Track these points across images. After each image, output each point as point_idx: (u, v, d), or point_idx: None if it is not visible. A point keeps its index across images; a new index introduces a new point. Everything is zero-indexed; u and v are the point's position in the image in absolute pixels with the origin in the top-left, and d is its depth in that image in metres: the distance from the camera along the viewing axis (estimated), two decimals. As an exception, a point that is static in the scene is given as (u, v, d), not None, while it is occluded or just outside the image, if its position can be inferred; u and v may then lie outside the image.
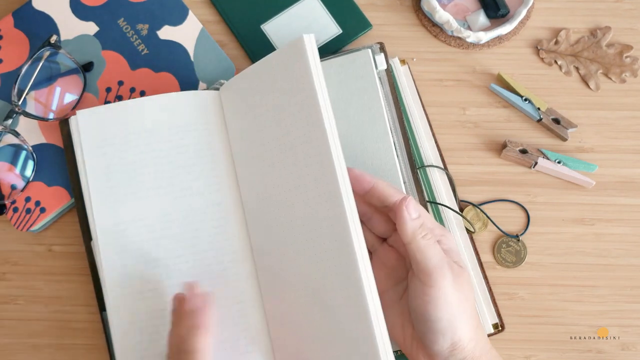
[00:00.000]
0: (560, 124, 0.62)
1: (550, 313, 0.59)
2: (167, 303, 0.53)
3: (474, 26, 0.65)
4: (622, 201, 0.61)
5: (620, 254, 0.60)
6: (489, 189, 0.61)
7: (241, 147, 0.56)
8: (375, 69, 0.57)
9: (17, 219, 0.59)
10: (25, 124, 0.61)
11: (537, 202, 0.61)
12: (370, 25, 0.65)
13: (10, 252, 0.61)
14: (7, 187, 0.59)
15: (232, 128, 0.57)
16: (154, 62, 0.63)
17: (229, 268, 0.55)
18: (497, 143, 0.62)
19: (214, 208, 0.55)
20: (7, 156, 0.60)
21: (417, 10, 0.66)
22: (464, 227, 0.59)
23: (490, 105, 0.63)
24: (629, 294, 0.59)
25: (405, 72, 0.62)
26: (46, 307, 0.60)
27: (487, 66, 0.64)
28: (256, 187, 0.55)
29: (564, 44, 0.64)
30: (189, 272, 0.54)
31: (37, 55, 0.60)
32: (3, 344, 0.60)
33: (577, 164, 0.60)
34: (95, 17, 0.64)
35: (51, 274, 0.61)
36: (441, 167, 0.60)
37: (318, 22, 0.64)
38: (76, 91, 0.62)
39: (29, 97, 0.61)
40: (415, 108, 0.61)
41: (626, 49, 0.64)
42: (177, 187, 0.55)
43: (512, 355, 0.58)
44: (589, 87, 0.63)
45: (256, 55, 0.64)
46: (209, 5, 0.67)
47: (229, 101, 0.57)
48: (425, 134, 0.61)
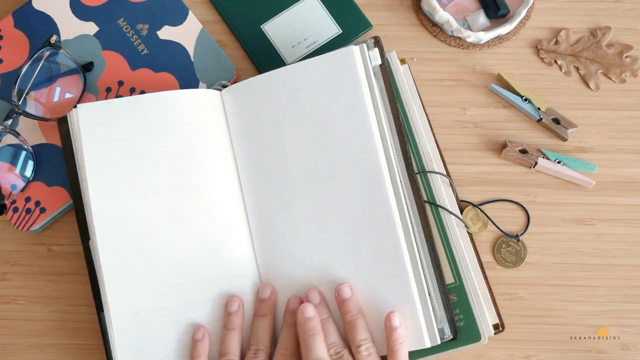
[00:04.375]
0: (560, 124, 0.62)
1: (550, 313, 0.59)
2: (168, 302, 0.53)
3: (474, 26, 0.65)
4: (622, 201, 0.61)
5: (620, 254, 0.60)
6: (489, 189, 0.61)
7: (247, 146, 0.56)
8: (369, 64, 0.56)
9: (17, 219, 0.59)
10: (25, 124, 0.61)
11: (537, 202, 0.61)
12: (370, 25, 0.65)
13: (10, 252, 0.61)
14: (7, 187, 0.59)
15: (240, 127, 0.57)
16: (154, 62, 0.63)
17: (232, 268, 0.55)
18: (497, 143, 0.62)
19: (217, 207, 0.55)
20: (7, 156, 0.60)
21: (417, 10, 0.66)
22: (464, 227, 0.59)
23: (490, 105, 0.63)
24: (629, 294, 0.59)
25: (405, 72, 0.62)
26: (46, 307, 0.60)
27: (487, 66, 0.64)
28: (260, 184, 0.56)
29: (564, 44, 0.64)
30: (191, 270, 0.54)
31: (37, 55, 0.60)
32: (3, 344, 0.60)
33: (577, 164, 0.60)
34: (95, 17, 0.64)
35: (51, 274, 0.61)
36: (442, 173, 0.60)
37: (318, 22, 0.65)
38: (76, 91, 0.62)
39: (29, 97, 0.61)
40: (415, 108, 0.61)
41: (626, 49, 0.64)
42: (180, 185, 0.55)
43: (512, 355, 0.58)
44: (589, 87, 0.63)
45: (256, 55, 0.64)
46: (209, 5, 0.67)
47: (238, 101, 0.57)
48: (425, 134, 0.60)
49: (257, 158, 0.56)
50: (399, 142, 0.56)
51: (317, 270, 0.53)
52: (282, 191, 0.55)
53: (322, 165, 0.54)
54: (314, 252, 0.53)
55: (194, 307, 0.54)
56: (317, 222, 0.54)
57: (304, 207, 0.54)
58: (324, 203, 0.54)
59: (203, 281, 0.54)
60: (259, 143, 0.56)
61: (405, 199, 0.54)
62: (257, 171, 0.56)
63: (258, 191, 0.56)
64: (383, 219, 0.52)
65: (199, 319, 0.53)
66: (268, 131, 0.56)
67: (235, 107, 0.57)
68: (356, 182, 0.53)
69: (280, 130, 0.55)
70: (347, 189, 0.53)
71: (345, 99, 0.55)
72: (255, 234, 0.55)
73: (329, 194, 0.54)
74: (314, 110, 0.55)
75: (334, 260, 0.53)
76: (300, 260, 0.54)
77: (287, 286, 0.54)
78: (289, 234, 0.54)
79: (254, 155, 0.56)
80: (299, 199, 0.54)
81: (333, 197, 0.54)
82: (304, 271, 0.53)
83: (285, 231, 0.54)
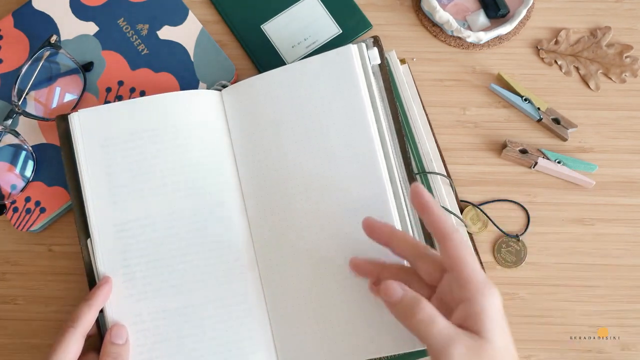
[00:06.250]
0: (560, 124, 0.62)
1: (550, 313, 0.59)
2: (170, 303, 0.53)
3: (474, 26, 0.65)
4: (622, 201, 0.61)
5: (620, 254, 0.60)
6: (489, 189, 0.61)
7: (247, 145, 0.56)
8: (368, 63, 0.56)
9: (17, 219, 0.59)
10: (25, 124, 0.61)
11: (537, 202, 0.61)
12: (370, 25, 0.65)
13: (10, 252, 0.61)
14: (7, 187, 0.59)
15: (240, 127, 0.57)
16: (154, 62, 0.63)
17: (234, 267, 0.55)
18: (497, 143, 0.62)
19: (219, 207, 0.55)
20: (7, 156, 0.60)
21: (417, 10, 0.66)
22: (464, 227, 0.59)
23: (490, 105, 0.63)
24: (629, 294, 0.59)
25: (405, 72, 0.62)
26: (46, 307, 0.60)
27: (487, 66, 0.64)
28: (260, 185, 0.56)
29: (564, 44, 0.64)
30: (193, 271, 0.54)
31: (37, 55, 0.60)
32: (3, 344, 0.60)
33: (577, 164, 0.60)
34: (95, 17, 0.64)
35: (51, 274, 0.61)
36: (442, 174, 0.60)
37: (318, 22, 0.64)
38: (76, 91, 0.62)
39: (29, 97, 0.61)
40: (415, 108, 0.61)
41: (626, 49, 0.64)
42: (182, 186, 0.55)
43: (512, 355, 0.58)
44: (589, 87, 0.63)
45: (256, 55, 0.64)
46: (209, 5, 0.67)
47: (238, 101, 0.57)
48: (425, 134, 0.60)
49: (257, 158, 0.56)
50: (399, 142, 0.56)
51: (318, 265, 0.53)
52: (282, 191, 0.55)
53: (321, 164, 0.54)
54: (314, 251, 0.53)
55: (194, 309, 0.54)
56: (316, 222, 0.54)
57: (303, 207, 0.54)
58: (323, 203, 0.54)
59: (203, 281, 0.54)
60: (258, 142, 0.56)
61: (405, 199, 0.54)
62: (257, 171, 0.56)
63: (258, 191, 0.56)
64: (382, 219, 0.52)
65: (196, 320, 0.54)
66: (268, 130, 0.56)
67: (235, 107, 0.57)
68: (355, 182, 0.53)
69: (280, 129, 0.55)
70: (346, 188, 0.53)
71: (343, 97, 0.55)
72: (255, 233, 0.56)
73: (329, 192, 0.54)
74: (314, 110, 0.55)
75: (335, 261, 0.53)
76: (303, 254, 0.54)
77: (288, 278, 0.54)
78: (289, 234, 0.54)
79: (254, 154, 0.56)
80: (298, 198, 0.54)
81: (332, 197, 0.54)
82: (304, 269, 0.53)
83: (285, 231, 0.54)
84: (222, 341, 0.53)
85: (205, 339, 0.53)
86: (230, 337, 0.53)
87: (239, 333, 0.54)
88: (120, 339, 0.52)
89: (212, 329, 0.53)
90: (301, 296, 0.53)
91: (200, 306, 0.54)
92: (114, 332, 0.52)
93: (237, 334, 0.54)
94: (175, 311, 0.54)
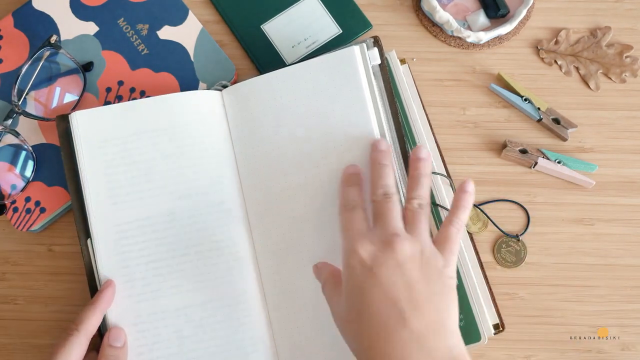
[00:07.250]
0: (560, 124, 0.62)
1: (550, 313, 0.59)
2: (170, 304, 0.53)
3: (474, 26, 0.65)
4: (622, 201, 0.61)
5: (620, 254, 0.60)
6: (489, 189, 0.61)
7: (248, 146, 0.56)
8: (369, 64, 0.56)
9: (17, 219, 0.59)
10: (25, 124, 0.61)
11: (537, 202, 0.61)
12: (370, 25, 0.65)
13: (10, 252, 0.61)
14: (7, 187, 0.59)
15: (240, 128, 0.57)
16: (154, 62, 0.63)
17: (234, 267, 0.55)
18: (497, 143, 0.62)
19: (218, 207, 0.55)
20: (7, 156, 0.60)
21: (417, 10, 0.66)
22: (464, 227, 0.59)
23: (490, 105, 0.63)
24: (629, 294, 0.59)
25: (405, 72, 0.62)
26: (46, 307, 0.60)
27: (487, 66, 0.64)
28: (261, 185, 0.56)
29: (564, 44, 0.64)
30: (193, 271, 0.54)
31: (37, 55, 0.60)
32: (3, 344, 0.60)
33: (577, 164, 0.60)
34: (95, 17, 0.64)
35: (51, 274, 0.61)
36: (442, 174, 0.60)
37: (318, 22, 0.64)
38: (76, 91, 0.62)
39: (29, 97, 0.61)
40: (415, 108, 0.61)
41: (626, 49, 0.64)
42: (182, 187, 0.55)
43: (512, 355, 0.58)
44: (589, 87, 0.63)
45: (256, 55, 0.64)
46: (209, 5, 0.67)
47: (239, 102, 0.57)
48: (425, 134, 0.60)
49: (258, 158, 0.56)
50: (399, 142, 0.56)
51: None
52: (282, 191, 0.55)
53: (322, 165, 0.54)
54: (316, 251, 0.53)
55: (194, 309, 0.54)
56: (317, 221, 0.54)
57: (304, 206, 0.54)
58: (324, 203, 0.54)
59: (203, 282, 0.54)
60: (259, 143, 0.56)
61: (405, 199, 0.54)
62: (258, 171, 0.56)
63: (258, 191, 0.56)
64: None
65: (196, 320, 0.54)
66: (268, 131, 0.56)
67: (235, 108, 0.57)
68: None
69: (281, 130, 0.55)
70: None
71: (345, 99, 0.55)
72: (255, 233, 0.56)
73: (329, 194, 0.54)
74: (315, 111, 0.55)
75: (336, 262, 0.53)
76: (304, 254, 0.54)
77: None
78: (289, 233, 0.54)
79: (255, 155, 0.56)
80: (298, 198, 0.54)
81: (333, 196, 0.54)
82: (305, 269, 0.53)
83: (285, 230, 0.54)
84: (222, 341, 0.53)
85: (205, 339, 0.53)
86: (230, 337, 0.54)
87: (239, 333, 0.54)
88: (119, 341, 0.52)
89: (212, 329, 0.54)
90: (301, 296, 0.53)
91: (200, 306, 0.54)
92: (112, 334, 0.52)
93: (237, 334, 0.54)
94: (175, 311, 0.54)
